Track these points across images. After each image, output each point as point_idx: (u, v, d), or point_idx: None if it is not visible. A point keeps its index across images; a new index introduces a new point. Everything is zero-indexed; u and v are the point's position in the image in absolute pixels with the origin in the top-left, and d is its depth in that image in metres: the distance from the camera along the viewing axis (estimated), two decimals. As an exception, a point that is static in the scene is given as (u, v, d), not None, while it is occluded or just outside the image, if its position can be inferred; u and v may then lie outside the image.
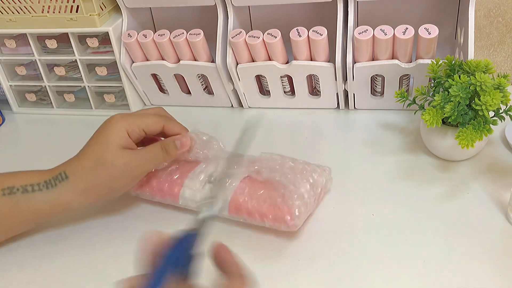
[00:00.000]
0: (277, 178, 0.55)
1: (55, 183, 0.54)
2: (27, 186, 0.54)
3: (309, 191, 0.55)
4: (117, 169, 0.54)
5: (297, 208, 0.53)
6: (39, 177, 0.55)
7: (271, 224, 0.54)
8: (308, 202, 0.55)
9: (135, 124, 0.56)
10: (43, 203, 0.54)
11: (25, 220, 0.56)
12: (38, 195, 0.54)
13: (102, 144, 0.55)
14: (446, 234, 0.54)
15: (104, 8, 0.76)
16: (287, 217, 0.52)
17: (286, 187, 0.54)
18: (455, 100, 0.58)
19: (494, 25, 0.79)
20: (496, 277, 0.49)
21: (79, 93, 0.85)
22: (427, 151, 0.66)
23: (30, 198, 0.54)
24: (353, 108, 0.78)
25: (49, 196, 0.54)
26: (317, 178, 0.57)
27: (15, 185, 0.54)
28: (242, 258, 0.40)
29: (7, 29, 0.79)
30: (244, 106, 0.82)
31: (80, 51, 0.79)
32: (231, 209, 0.56)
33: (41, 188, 0.54)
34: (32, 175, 0.55)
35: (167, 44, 0.75)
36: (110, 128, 0.56)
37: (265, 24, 0.75)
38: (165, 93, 0.84)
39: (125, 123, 0.56)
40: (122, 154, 0.54)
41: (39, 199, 0.54)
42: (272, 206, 0.54)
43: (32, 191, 0.54)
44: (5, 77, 0.85)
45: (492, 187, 0.60)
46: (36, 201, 0.54)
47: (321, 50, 0.71)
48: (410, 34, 0.66)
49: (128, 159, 0.55)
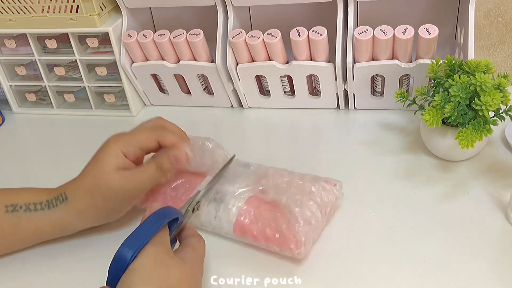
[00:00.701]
0: (283, 200, 0.53)
1: (56, 203, 0.55)
2: (30, 205, 0.55)
3: (316, 214, 0.53)
4: (113, 190, 0.54)
5: (304, 236, 0.51)
6: (42, 196, 0.55)
7: (276, 249, 0.52)
8: (316, 226, 0.53)
9: (129, 144, 0.56)
10: (44, 222, 0.55)
11: (27, 237, 0.56)
12: (40, 214, 0.54)
13: (98, 166, 0.55)
14: (446, 234, 0.54)
15: (104, 8, 0.76)
16: (292, 246, 0.51)
17: (292, 212, 0.52)
18: (455, 100, 0.58)
19: (494, 25, 0.79)
20: (496, 277, 0.49)
21: (79, 93, 0.85)
22: (427, 151, 0.66)
23: (32, 217, 0.54)
24: (353, 108, 0.78)
25: (50, 216, 0.55)
26: (326, 197, 0.55)
27: (19, 202, 0.55)
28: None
29: (7, 29, 0.79)
30: (244, 106, 0.82)
31: (80, 51, 0.79)
32: (236, 231, 0.54)
33: (43, 208, 0.55)
34: (35, 194, 0.56)
35: (167, 44, 0.75)
36: (106, 150, 0.55)
37: (265, 24, 0.75)
38: (165, 93, 0.84)
39: (120, 144, 0.56)
40: (118, 176, 0.54)
41: (41, 218, 0.55)
42: (277, 232, 0.52)
43: (35, 210, 0.54)
44: (5, 77, 0.85)
45: (492, 187, 0.60)
46: (37, 220, 0.55)
47: (321, 50, 0.71)
48: (410, 34, 0.66)
49: (124, 180, 0.54)
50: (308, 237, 0.51)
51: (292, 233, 0.51)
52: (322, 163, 0.68)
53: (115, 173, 0.54)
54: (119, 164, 0.55)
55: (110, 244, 0.54)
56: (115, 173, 0.54)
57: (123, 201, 0.56)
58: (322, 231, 0.55)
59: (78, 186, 0.55)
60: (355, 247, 0.54)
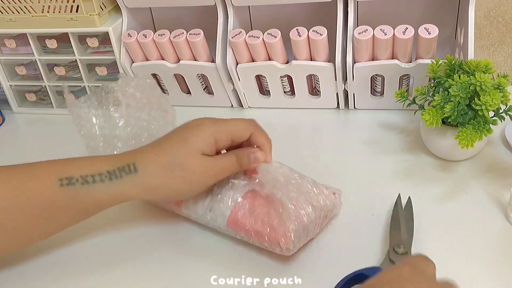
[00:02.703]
0: (278, 195, 0.52)
1: (120, 174, 0.50)
2: (87, 177, 0.50)
3: (310, 214, 0.52)
4: (194, 175, 0.51)
5: (293, 232, 0.50)
6: (102, 166, 0.51)
7: (266, 246, 0.52)
8: (308, 226, 0.52)
9: (224, 132, 0.53)
10: (105, 194, 0.50)
11: (84, 212, 0.52)
12: (100, 187, 0.50)
13: (186, 145, 0.51)
14: (446, 234, 0.54)
15: (104, 8, 0.76)
16: (282, 240, 0.50)
17: (285, 208, 0.51)
18: (455, 100, 0.58)
19: (494, 25, 0.79)
20: (496, 277, 0.49)
21: (79, 93, 0.85)
22: (427, 151, 0.66)
23: (91, 190, 0.50)
24: (353, 108, 0.78)
25: (112, 188, 0.50)
26: (323, 202, 0.53)
27: (74, 175, 0.50)
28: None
29: (7, 29, 0.79)
30: (244, 106, 0.82)
31: (80, 51, 0.79)
32: (229, 225, 0.54)
33: (103, 179, 0.50)
34: (93, 163, 0.51)
35: (167, 44, 0.75)
36: (199, 132, 0.52)
37: (265, 24, 0.75)
38: (165, 93, 0.84)
39: (214, 130, 0.53)
40: (202, 161, 0.51)
41: (101, 190, 0.50)
42: (268, 227, 0.51)
43: (93, 182, 0.50)
44: (5, 77, 0.85)
45: (492, 187, 0.60)
46: (97, 193, 0.50)
47: (321, 50, 0.71)
48: (410, 34, 0.66)
49: (206, 167, 0.52)
50: (298, 235, 0.51)
51: (282, 228, 0.50)
52: (322, 163, 0.68)
53: (201, 158, 0.51)
54: (207, 150, 0.52)
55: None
56: (201, 158, 0.51)
57: (198, 185, 0.53)
58: (317, 232, 0.55)
59: (153, 159, 0.51)
60: (355, 247, 0.54)
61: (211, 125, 0.53)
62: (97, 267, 0.56)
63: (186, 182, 0.52)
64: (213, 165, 0.52)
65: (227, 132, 0.54)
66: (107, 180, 0.50)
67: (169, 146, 0.52)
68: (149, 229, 0.60)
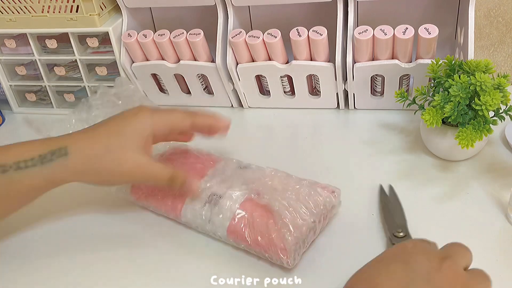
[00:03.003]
0: (276, 207, 0.51)
1: (51, 157, 0.50)
2: (20, 163, 0.50)
3: (309, 223, 0.51)
4: (121, 170, 0.51)
5: (293, 245, 0.50)
6: (34, 150, 0.51)
7: (267, 257, 0.52)
8: (308, 235, 0.52)
9: (161, 122, 0.53)
10: (38, 179, 0.51)
11: (22, 197, 0.53)
12: (33, 171, 0.50)
13: (120, 137, 0.51)
14: (446, 234, 0.54)
15: (104, 8, 0.76)
16: (282, 255, 0.50)
17: (283, 220, 0.50)
18: (455, 100, 0.58)
19: (494, 25, 0.79)
20: (496, 277, 0.49)
21: (79, 93, 0.85)
22: (427, 151, 0.66)
23: (24, 175, 0.50)
24: (353, 108, 0.78)
25: (44, 171, 0.50)
26: (322, 204, 0.53)
27: (7, 162, 0.50)
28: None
29: (7, 29, 0.79)
30: (244, 106, 0.82)
31: (80, 51, 0.79)
32: (229, 235, 0.54)
33: (35, 164, 0.50)
34: (26, 148, 0.51)
35: (167, 44, 0.75)
36: (135, 122, 0.52)
37: (265, 24, 0.75)
38: (165, 93, 0.84)
39: (152, 121, 0.52)
40: (134, 159, 0.51)
41: (34, 175, 0.50)
42: (268, 239, 0.51)
43: (26, 167, 0.50)
44: (5, 77, 0.85)
45: (492, 187, 0.60)
46: (31, 178, 0.50)
47: (321, 50, 0.71)
48: (410, 34, 0.66)
49: (135, 167, 0.51)
50: (297, 247, 0.51)
51: (282, 242, 0.50)
52: (322, 163, 0.68)
53: (133, 154, 0.51)
54: (142, 142, 0.52)
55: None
56: (133, 154, 0.51)
57: (123, 181, 0.54)
58: (317, 234, 0.55)
59: (85, 145, 0.51)
60: (355, 246, 0.54)
61: (148, 115, 0.53)
62: (95, 267, 0.56)
63: (112, 174, 0.52)
64: (142, 168, 0.52)
65: (165, 123, 0.53)
66: (39, 164, 0.50)
67: (103, 134, 0.52)
68: (149, 229, 0.60)
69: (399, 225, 0.54)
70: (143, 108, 0.54)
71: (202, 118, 0.56)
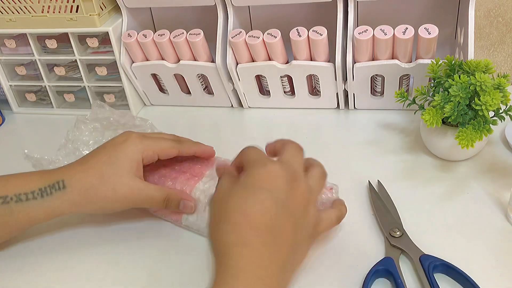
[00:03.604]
0: None
1: (50, 191, 0.53)
2: (21, 195, 0.53)
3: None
4: (116, 196, 0.54)
5: None
6: (34, 183, 0.53)
7: None
8: None
9: (150, 149, 0.56)
10: (38, 211, 0.53)
11: (19, 227, 0.55)
12: (33, 204, 0.53)
13: (113, 165, 0.54)
14: (446, 234, 0.54)
15: (104, 8, 0.76)
16: None
17: None
18: (455, 100, 0.58)
19: (494, 25, 0.79)
20: (496, 277, 0.49)
21: (79, 93, 0.85)
22: (427, 151, 0.66)
23: (25, 207, 0.53)
24: (353, 108, 0.78)
25: (45, 204, 0.53)
26: (320, 202, 0.54)
27: (9, 194, 0.53)
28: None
29: (7, 29, 0.79)
30: (244, 106, 0.82)
31: (80, 51, 0.79)
32: None
33: (35, 197, 0.53)
34: (26, 181, 0.54)
35: (167, 44, 0.75)
36: (125, 150, 0.54)
37: (265, 24, 0.75)
38: (165, 93, 0.84)
39: (142, 147, 0.55)
40: (127, 184, 0.54)
41: (34, 207, 0.53)
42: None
43: (27, 200, 0.53)
44: (5, 77, 0.85)
45: (492, 187, 0.60)
46: (30, 210, 0.53)
47: (321, 50, 0.71)
48: (410, 34, 0.66)
49: (130, 192, 0.54)
50: None
51: None
52: (322, 163, 0.68)
53: (126, 180, 0.54)
54: (134, 169, 0.54)
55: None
56: (126, 180, 0.54)
57: (119, 207, 0.55)
58: None
59: (81, 178, 0.53)
60: (355, 246, 0.54)
61: (137, 143, 0.55)
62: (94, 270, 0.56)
63: (108, 201, 0.54)
64: (136, 192, 0.54)
65: (154, 151, 0.56)
66: (39, 198, 0.53)
67: (97, 164, 0.54)
68: (148, 229, 0.60)
69: (395, 223, 0.55)
70: (131, 135, 0.56)
71: (188, 147, 0.59)
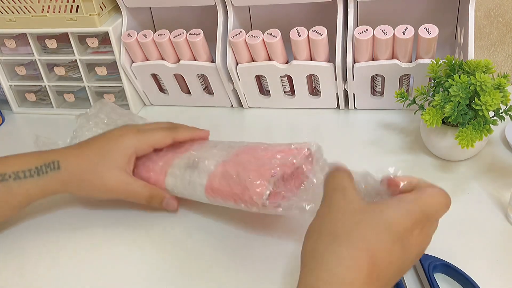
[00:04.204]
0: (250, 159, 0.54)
1: (46, 170, 0.56)
2: (19, 173, 0.56)
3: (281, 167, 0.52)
4: (104, 187, 0.57)
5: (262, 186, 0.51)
6: (31, 162, 0.57)
7: (243, 206, 0.52)
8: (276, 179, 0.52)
9: (144, 142, 0.59)
10: (34, 188, 0.56)
11: (17, 204, 0.57)
12: (30, 181, 0.56)
13: (105, 159, 0.57)
14: (446, 234, 0.54)
15: (104, 8, 0.76)
16: (254, 196, 0.51)
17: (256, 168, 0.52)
18: (455, 100, 0.58)
19: (494, 25, 0.79)
20: (496, 277, 0.49)
21: (79, 93, 0.85)
22: (427, 151, 0.66)
23: (22, 184, 0.56)
24: (353, 108, 0.78)
25: (40, 182, 0.56)
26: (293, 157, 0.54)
27: (7, 171, 0.56)
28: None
29: (7, 29, 0.79)
30: (244, 106, 0.82)
31: (80, 51, 0.79)
32: (207, 192, 0.55)
33: (32, 174, 0.56)
34: (23, 160, 0.57)
35: (167, 44, 0.75)
36: (119, 145, 0.58)
37: (265, 24, 0.75)
38: (165, 93, 0.84)
39: (136, 142, 0.58)
40: (116, 177, 0.57)
41: (31, 184, 0.56)
42: (239, 185, 0.52)
43: (24, 177, 0.56)
44: (5, 77, 0.85)
45: (492, 187, 0.60)
46: (28, 187, 0.56)
47: (321, 50, 0.71)
48: (410, 34, 0.66)
49: (117, 185, 0.57)
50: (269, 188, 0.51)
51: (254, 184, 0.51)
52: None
53: (116, 173, 0.57)
54: (124, 163, 0.57)
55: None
56: (116, 173, 0.57)
57: (105, 196, 0.59)
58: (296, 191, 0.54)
59: (73, 161, 0.57)
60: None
61: (133, 137, 0.59)
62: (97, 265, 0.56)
63: (95, 189, 0.58)
64: (123, 187, 0.58)
65: (148, 143, 0.59)
66: (35, 175, 0.56)
67: (91, 153, 0.58)
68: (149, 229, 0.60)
69: None
70: (128, 130, 0.60)
71: (182, 133, 0.61)
